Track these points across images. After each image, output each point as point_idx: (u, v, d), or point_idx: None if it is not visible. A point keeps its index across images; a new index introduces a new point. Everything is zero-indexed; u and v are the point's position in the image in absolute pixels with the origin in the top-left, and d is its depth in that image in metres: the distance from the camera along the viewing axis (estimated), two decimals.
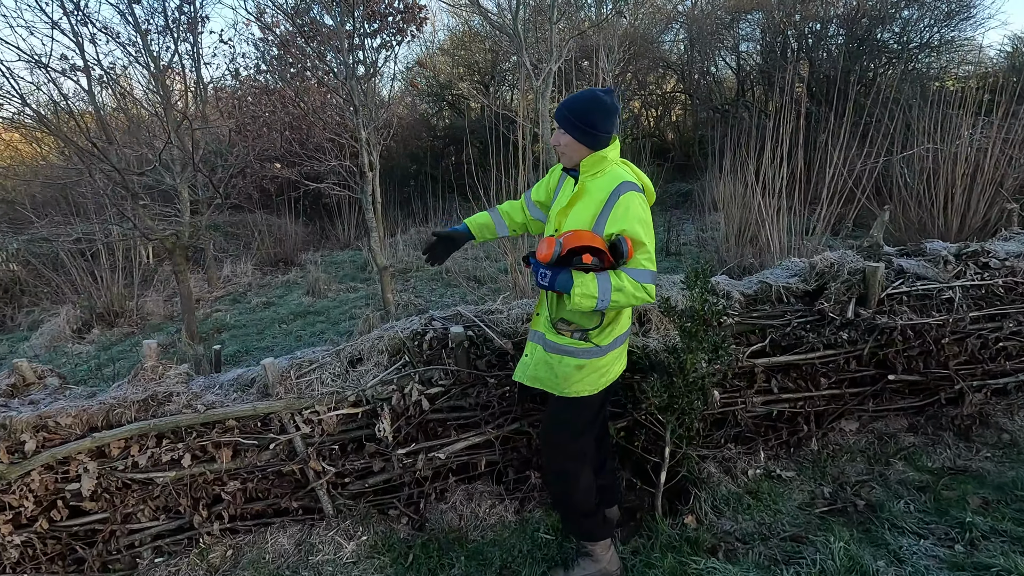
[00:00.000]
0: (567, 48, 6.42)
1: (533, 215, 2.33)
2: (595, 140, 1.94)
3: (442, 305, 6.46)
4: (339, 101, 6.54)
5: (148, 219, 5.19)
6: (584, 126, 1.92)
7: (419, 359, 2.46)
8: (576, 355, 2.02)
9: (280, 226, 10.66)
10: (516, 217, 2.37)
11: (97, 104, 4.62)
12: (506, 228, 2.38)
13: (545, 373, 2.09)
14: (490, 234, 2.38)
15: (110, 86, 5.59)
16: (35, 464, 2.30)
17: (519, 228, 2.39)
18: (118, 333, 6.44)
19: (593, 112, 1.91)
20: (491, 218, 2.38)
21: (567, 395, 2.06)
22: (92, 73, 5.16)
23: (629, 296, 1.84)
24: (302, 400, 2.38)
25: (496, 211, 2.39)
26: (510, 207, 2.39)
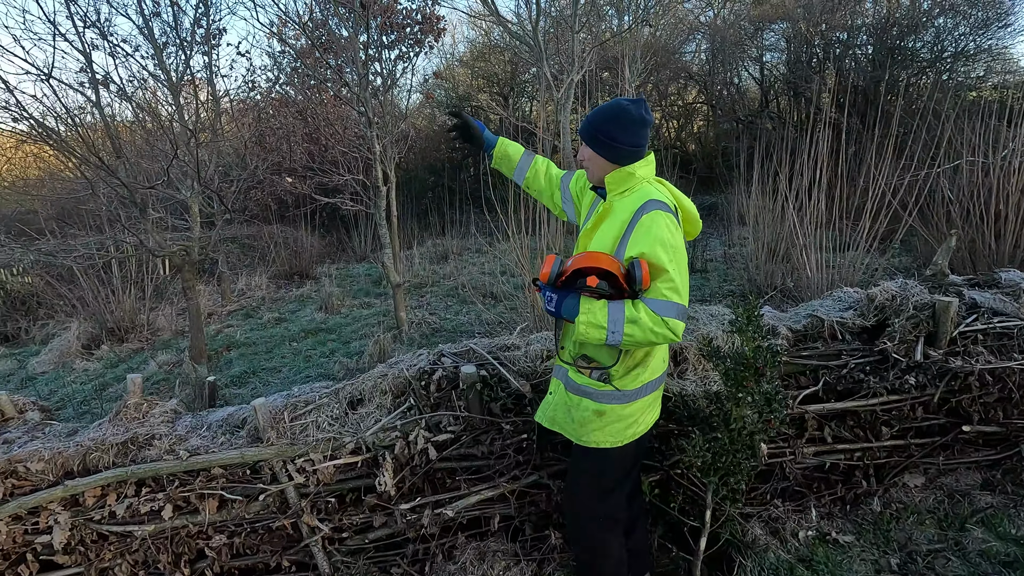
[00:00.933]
0: (589, 59, 6.18)
1: (563, 204, 2.09)
2: (616, 154, 1.71)
3: (456, 324, 6.21)
4: (355, 114, 6.38)
5: (156, 234, 5.03)
6: (604, 138, 1.71)
7: (426, 402, 2.20)
8: (594, 398, 1.78)
9: (297, 238, 10.55)
10: (542, 179, 2.10)
11: (106, 118, 4.50)
12: (523, 177, 2.11)
13: (563, 416, 1.87)
14: (506, 169, 2.13)
15: (128, 99, 5.49)
16: (2, 514, 2.08)
17: (537, 189, 2.12)
18: (127, 349, 6.30)
19: (613, 122, 1.69)
20: (519, 159, 2.11)
21: (586, 444, 1.82)
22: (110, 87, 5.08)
23: (646, 331, 1.57)
24: (295, 447, 2.13)
25: (530, 157, 2.12)
26: (545, 166, 2.11)
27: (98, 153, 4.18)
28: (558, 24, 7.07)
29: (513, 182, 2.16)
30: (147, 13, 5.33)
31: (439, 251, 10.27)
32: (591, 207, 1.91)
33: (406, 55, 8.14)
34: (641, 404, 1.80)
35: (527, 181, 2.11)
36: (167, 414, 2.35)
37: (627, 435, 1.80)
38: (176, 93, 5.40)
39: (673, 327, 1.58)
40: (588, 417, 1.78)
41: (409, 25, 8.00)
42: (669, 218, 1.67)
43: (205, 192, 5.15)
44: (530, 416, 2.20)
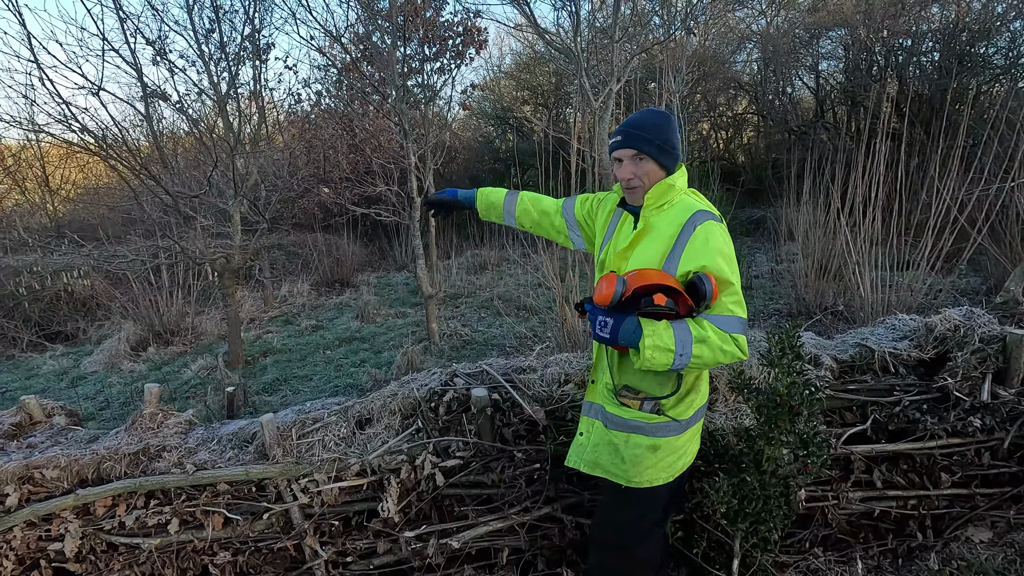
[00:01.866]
0: (630, 68, 6.03)
1: (569, 232, 1.98)
2: (675, 162, 1.61)
3: (488, 336, 6.12)
4: (392, 126, 6.44)
5: (199, 241, 5.18)
6: (667, 146, 1.58)
7: (434, 425, 2.10)
8: (648, 432, 1.61)
9: (339, 246, 10.77)
10: (534, 213, 2.01)
11: (154, 130, 4.68)
12: (513, 218, 2.04)
13: (608, 457, 1.66)
14: (496, 216, 2.09)
15: (182, 112, 5.71)
16: (17, 520, 2.10)
17: (532, 225, 2.03)
18: (172, 352, 6.51)
19: (670, 128, 1.58)
20: (503, 203, 2.04)
21: (638, 485, 1.63)
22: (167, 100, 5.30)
23: (715, 350, 1.42)
24: (301, 466, 2.07)
25: (514, 196, 2.04)
26: (533, 202, 2.02)
27: (144, 164, 4.34)
28: (599, 35, 6.95)
29: None
30: (200, 31, 5.54)
31: (477, 262, 10.25)
32: (608, 227, 1.76)
33: (447, 67, 8.22)
34: (691, 432, 1.66)
35: (518, 220, 2.04)
36: (181, 425, 2.34)
37: (678, 467, 1.65)
38: (222, 106, 5.57)
39: (741, 344, 1.45)
40: (641, 454, 1.61)
41: (451, 37, 8.07)
42: (722, 228, 1.56)
43: (245, 201, 5.27)
44: (543, 445, 2.07)
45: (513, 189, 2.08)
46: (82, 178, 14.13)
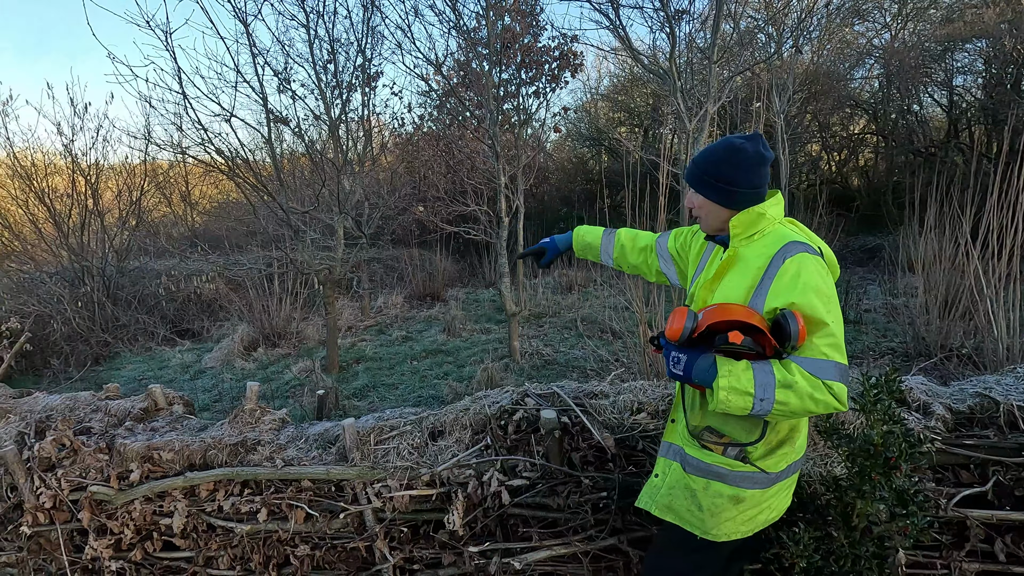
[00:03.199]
0: (729, 88, 5.82)
1: (662, 266, 1.91)
2: (732, 198, 1.50)
3: (570, 358, 6.08)
4: (486, 148, 6.67)
5: (306, 253, 5.64)
6: (717, 182, 1.49)
7: (503, 443, 2.12)
8: (730, 481, 1.48)
9: (432, 262, 11.24)
10: (632, 251, 1.96)
11: (274, 151, 5.20)
12: (611, 258, 2.00)
13: (684, 503, 1.55)
14: (593, 257, 2.05)
15: (300, 136, 6.30)
16: (138, 494, 2.38)
17: (629, 268, 2.00)
18: (277, 354, 7.09)
19: (727, 164, 1.47)
20: (600, 243, 2.02)
21: (715, 538, 1.52)
22: (288, 125, 5.90)
23: (804, 397, 1.28)
24: (375, 471, 2.17)
25: (611, 235, 2.01)
26: (630, 240, 1.97)
27: (263, 182, 4.82)
28: (697, 55, 6.79)
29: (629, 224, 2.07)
30: (319, 62, 6.10)
31: (564, 282, 10.25)
32: (701, 259, 1.69)
33: (542, 91, 8.40)
34: (780, 487, 1.51)
35: (616, 261, 1.99)
36: (275, 422, 2.54)
37: (759, 522, 1.52)
38: (334, 130, 6.07)
39: (837, 392, 1.29)
40: (722, 504, 1.48)
41: (547, 62, 8.26)
42: (818, 262, 1.41)
43: (349, 217, 5.68)
44: (612, 473, 2.02)
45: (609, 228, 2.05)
46: (215, 193, 15.95)
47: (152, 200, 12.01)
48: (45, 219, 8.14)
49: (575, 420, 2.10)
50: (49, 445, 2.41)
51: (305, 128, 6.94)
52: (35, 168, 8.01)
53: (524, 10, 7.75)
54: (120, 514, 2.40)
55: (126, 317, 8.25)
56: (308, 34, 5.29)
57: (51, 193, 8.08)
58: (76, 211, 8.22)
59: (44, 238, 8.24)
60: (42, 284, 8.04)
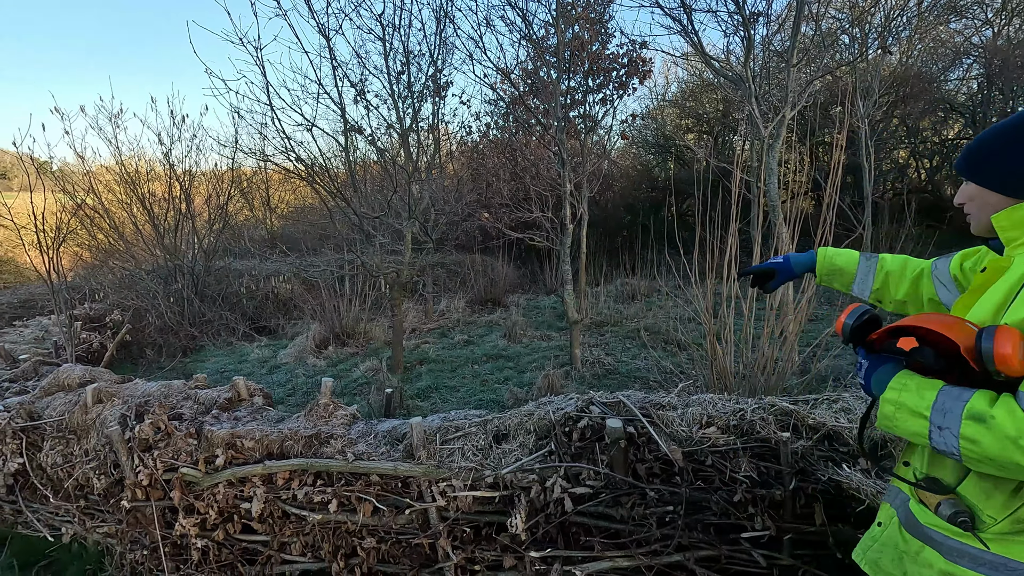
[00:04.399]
0: (808, 92, 5.57)
1: (940, 295, 1.48)
2: (1018, 185, 1.18)
3: (632, 368, 5.97)
4: (551, 155, 6.70)
5: (375, 257, 5.86)
6: (995, 165, 1.19)
7: (567, 449, 2.11)
8: (945, 552, 1.14)
9: (494, 267, 11.39)
10: (901, 285, 1.55)
11: (350, 159, 5.45)
12: (869, 288, 1.60)
13: (890, 565, 1.25)
14: (840, 285, 1.66)
15: (373, 144, 6.57)
16: (222, 478, 2.55)
17: (892, 303, 1.58)
18: (346, 352, 7.40)
19: (1018, 142, 1.16)
20: (856, 268, 1.63)
21: None
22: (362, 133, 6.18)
23: (1004, 441, 0.97)
24: (440, 470, 2.22)
25: (872, 262, 1.61)
26: (899, 267, 1.57)
27: (339, 188, 5.06)
28: (774, 58, 6.53)
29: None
30: (393, 73, 6.35)
31: (627, 291, 10.11)
32: None
33: (609, 98, 8.34)
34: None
35: (876, 292, 1.59)
36: (346, 417, 2.66)
37: None
38: (405, 138, 6.29)
39: None
40: None
41: (615, 69, 8.19)
42: None
43: (417, 222, 5.85)
44: (679, 487, 1.97)
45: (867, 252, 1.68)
46: (293, 199, 16.88)
47: (236, 204, 12.86)
48: (144, 221, 8.90)
49: (641, 431, 2.07)
50: (148, 428, 2.63)
51: (378, 137, 7.23)
52: (138, 174, 8.78)
53: (593, 18, 7.74)
54: (206, 496, 2.57)
55: (211, 313, 8.85)
56: (384, 47, 5.53)
57: (151, 197, 8.82)
58: (171, 214, 8.93)
59: (143, 238, 9.00)
60: (140, 281, 8.78)
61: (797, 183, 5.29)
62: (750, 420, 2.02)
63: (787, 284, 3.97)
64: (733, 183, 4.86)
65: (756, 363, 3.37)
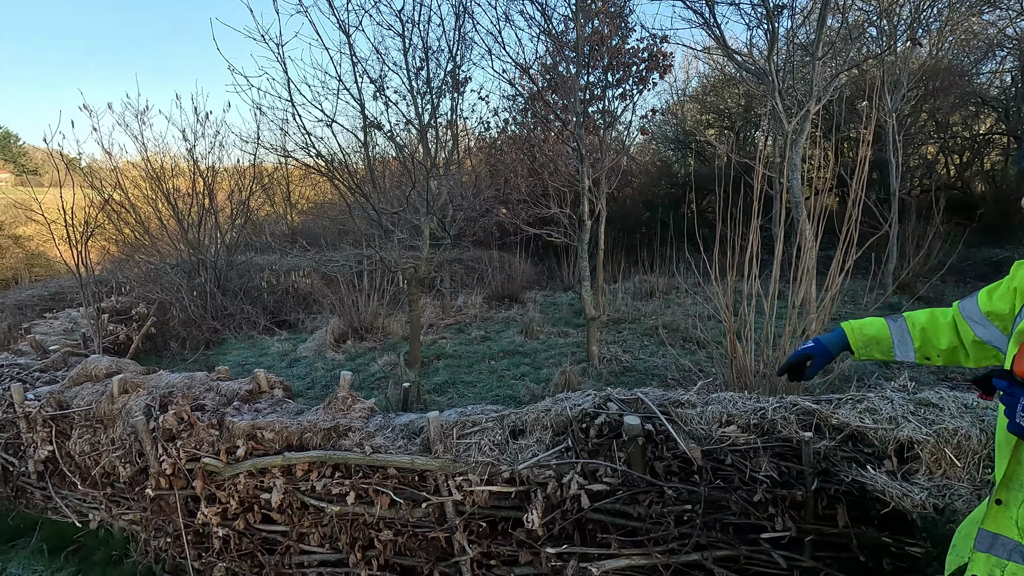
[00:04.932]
0: (833, 87, 5.45)
1: (979, 334, 1.44)
2: None
3: (649, 366, 5.92)
4: (570, 150, 6.66)
5: (393, 252, 5.89)
6: None
7: (584, 446, 2.10)
8: None
9: (511, 264, 11.39)
10: (941, 335, 1.51)
11: (370, 155, 5.48)
12: (912, 350, 1.55)
13: None
14: (880, 353, 1.60)
15: (392, 140, 6.61)
16: (243, 468, 2.59)
17: (941, 356, 1.52)
18: (364, 347, 7.46)
19: None
20: (889, 330, 1.59)
21: None
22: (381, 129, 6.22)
23: None
24: (457, 464, 2.23)
25: (901, 322, 1.58)
26: (930, 320, 1.54)
27: (358, 184, 5.10)
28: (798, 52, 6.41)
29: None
30: (412, 69, 6.37)
31: (645, 288, 10.03)
32: None
33: (628, 93, 8.26)
34: None
35: (921, 350, 1.55)
36: (364, 411, 2.68)
37: None
38: (423, 134, 6.30)
39: None
40: None
41: (634, 64, 8.11)
42: None
43: (435, 218, 5.87)
44: (697, 486, 1.94)
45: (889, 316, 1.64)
46: (313, 194, 17.07)
47: (257, 200, 13.04)
48: (169, 216, 9.07)
49: (659, 428, 2.05)
50: (171, 418, 2.68)
51: (397, 133, 7.27)
52: (163, 170, 8.95)
53: (613, 12, 7.67)
54: (227, 485, 2.62)
55: (233, 307, 9.00)
56: (403, 42, 5.54)
57: (175, 193, 8.99)
58: (195, 209, 9.09)
59: (168, 233, 9.17)
60: (165, 274, 8.96)
61: (821, 179, 5.19)
62: (771, 419, 1.98)
63: (810, 282, 3.90)
64: (755, 179, 4.79)
65: (777, 362, 3.31)
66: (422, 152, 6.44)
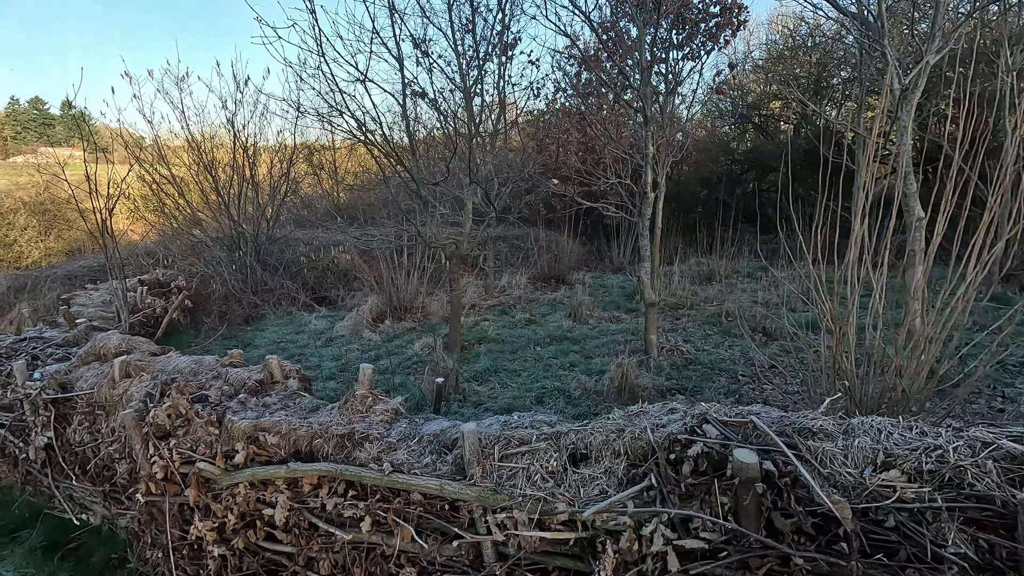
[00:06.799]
0: (958, 33, 4.53)
1: None
2: None
3: (715, 358, 5.24)
4: (631, 114, 5.95)
5: (433, 227, 5.40)
6: None
7: (674, 487, 1.53)
8: None
9: (558, 243, 10.77)
10: None
11: (408, 119, 4.98)
12: None
13: None
14: None
15: (432, 104, 6.08)
16: (242, 478, 2.16)
17: None
18: (403, 327, 7.06)
19: None
20: None
21: None
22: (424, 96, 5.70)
23: None
24: (499, 496, 1.70)
25: None
26: None
27: (394, 148, 4.59)
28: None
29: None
30: (457, 26, 5.79)
31: (703, 271, 9.24)
32: None
33: (695, 53, 7.41)
34: None
35: None
36: (387, 413, 2.19)
37: None
38: (469, 98, 5.74)
39: None
40: None
41: (704, 20, 7.25)
42: None
43: (479, 190, 5.33)
44: (844, 557, 1.34)
45: None
46: (359, 170, 16.81)
47: (300, 172, 12.83)
48: (211, 188, 8.88)
49: (784, 468, 1.45)
50: (163, 413, 2.27)
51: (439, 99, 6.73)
52: (204, 139, 8.74)
53: None
54: (224, 497, 2.19)
55: (273, 282, 8.78)
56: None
57: (216, 164, 8.78)
58: (236, 181, 8.87)
59: (210, 205, 9.00)
60: (206, 248, 8.81)
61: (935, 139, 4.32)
62: (955, 464, 1.35)
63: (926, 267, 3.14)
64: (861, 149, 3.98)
65: (907, 370, 2.60)
66: (467, 117, 5.88)
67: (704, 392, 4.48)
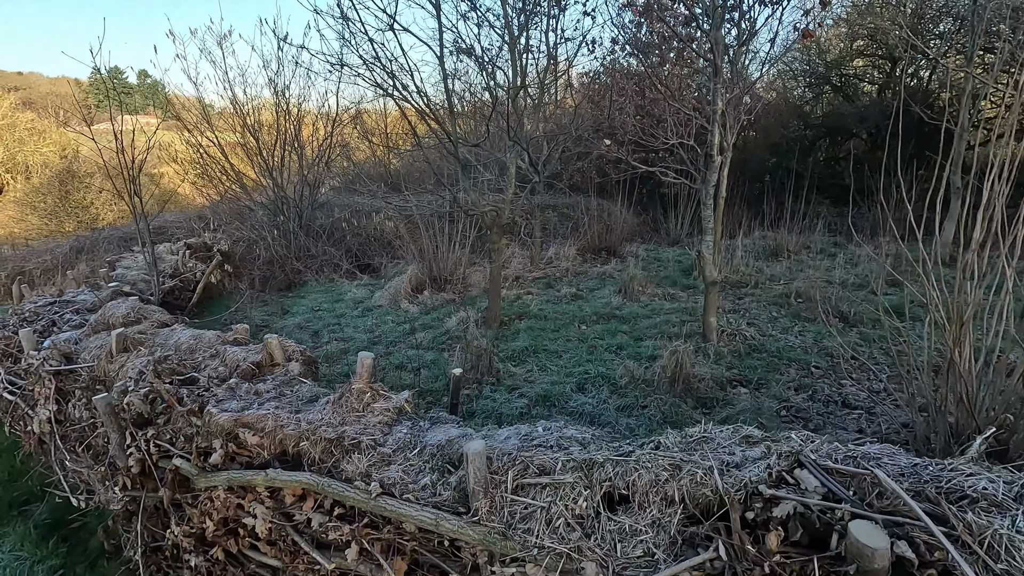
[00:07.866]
0: None
1: None
2: None
3: (783, 345, 4.62)
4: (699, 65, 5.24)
5: (473, 193, 4.97)
6: None
7: (751, 564, 1.07)
8: None
9: (611, 212, 10.13)
10: None
11: (445, 70, 4.51)
12: None
13: None
14: None
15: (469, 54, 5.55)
16: (219, 481, 1.85)
17: None
18: (442, 298, 6.74)
19: None
20: None
21: None
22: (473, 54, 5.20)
23: None
24: (508, 542, 1.30)
25: None
26: None
27: (429, 105, 4.16)
28: None
29: None
30: None
31: (769, 245, 8.44)
32: None
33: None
34: None
35: None
36: (387, 413, 1.81)
37: None
38: (512, 48, 5.18)
39: None
40: None
41: None
42: None
43: (523, 153, 4.83)
44: None
45: None
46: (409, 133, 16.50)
47: (350, 136, 12.61)
48: (255, 151, 8.76)
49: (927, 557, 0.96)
50: (137, 400, 1.99)
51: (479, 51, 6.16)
52: (248, 101, 8.59)
53: None
54: (202, 499, 1.90)
55: (316, 248, 8.66)
56: None
57: (260, 126, 8.63)
58: (279, 145, 8.70)
59: (254, 168, 8.90)
60: (251, 213, 8.75)
61: None
62: None
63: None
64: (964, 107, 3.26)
65: None
66: (511, 73, 5.34)
67: (771, 386, 3.91)
